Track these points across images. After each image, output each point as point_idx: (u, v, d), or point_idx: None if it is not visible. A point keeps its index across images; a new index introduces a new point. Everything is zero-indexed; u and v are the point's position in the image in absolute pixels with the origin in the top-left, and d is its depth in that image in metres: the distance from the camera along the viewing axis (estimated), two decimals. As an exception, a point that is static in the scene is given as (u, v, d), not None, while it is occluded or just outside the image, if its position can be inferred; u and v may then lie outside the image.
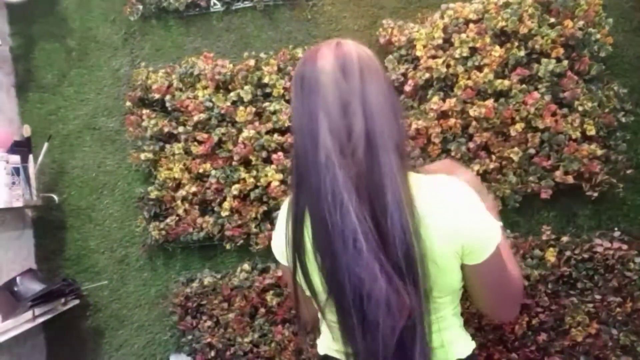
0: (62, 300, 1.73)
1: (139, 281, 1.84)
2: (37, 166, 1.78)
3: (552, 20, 1.56)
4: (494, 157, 1.60)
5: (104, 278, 1.84)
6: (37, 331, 1.83)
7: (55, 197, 1.84)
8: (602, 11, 1.56)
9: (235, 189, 1.69)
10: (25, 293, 1.65)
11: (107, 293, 1.85)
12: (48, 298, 1.67)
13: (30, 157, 1.76)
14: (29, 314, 1.60)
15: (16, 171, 1.68)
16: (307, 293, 0.83)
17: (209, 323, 1.72)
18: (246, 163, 1.72)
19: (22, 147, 1.75)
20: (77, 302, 1.80)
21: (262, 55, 1.72)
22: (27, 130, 1.81)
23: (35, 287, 1.67)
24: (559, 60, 1.55)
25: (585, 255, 1.56)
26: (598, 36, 1.55)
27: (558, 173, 1.56)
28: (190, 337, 1.74)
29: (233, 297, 1.71)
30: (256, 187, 1.70)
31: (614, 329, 1.55)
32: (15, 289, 1.66)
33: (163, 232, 1.75)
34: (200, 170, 1.72)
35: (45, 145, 1.78)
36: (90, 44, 1.87)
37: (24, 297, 1.63)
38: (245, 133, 1.68)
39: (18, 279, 1.69)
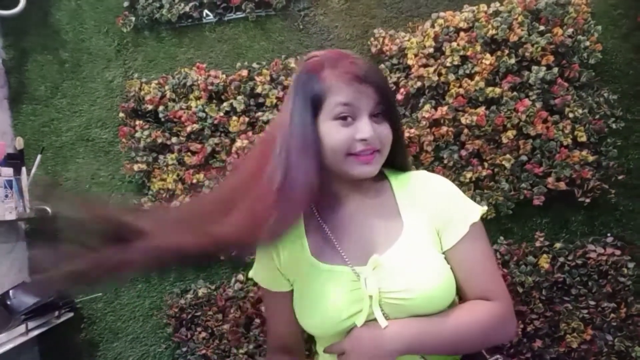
0: (56, 313, 1.72)
1: (133, 293, 1.83)
2: (30, 178, 1.77)
3: (542, 28, 1.58)
4: (486, 164, 1.61)
5: (97, 290, 1.83)
6: (31, 345, 1.81)
7: (49, 209, 1.83)
8: (590, 19, 1.58)
9: (229, 199, 1.69)
10: (19, 306, 1.63)
11: (101, 305, 1.84)
12: (41, 311, 1.65)
13: (23, 169, 1.75)
14: (22, 328, 1.59)
15: (9, 184, 1.67)
16: None
17: (203, 334, 1.71)
18: (240, 173, 1.72)
19: (14, 160, 1.74)
20: (71, 315, 1.79)
21: (254, 65, 1.73)
22: (19, 143, 1.80)
23: (28, 300, 1.65)
24: (549, 67, 1.57)
25: (579, 261, 1.56)
26: (587, 43, 1.56)
27: (550, 179, 1.57)
28: (185, 349, 1.73)
29: (228, 308, 1.70)
30: (250, 197, 1.70)
31: (608, 335, 1.55)
32: (8, 302, 1.64)
33: (157, 243, 1.74)
34: (194, 181, 1.72)
35: (39, 157, 1.78)
36: (83, 55, 1.87)
37: (17, 310, 1.61)
38: (239, 143, 1.68)
39: (11, 292, 1.67)
